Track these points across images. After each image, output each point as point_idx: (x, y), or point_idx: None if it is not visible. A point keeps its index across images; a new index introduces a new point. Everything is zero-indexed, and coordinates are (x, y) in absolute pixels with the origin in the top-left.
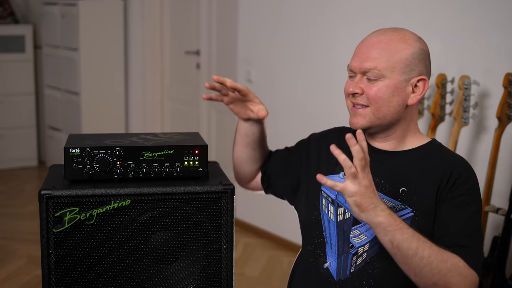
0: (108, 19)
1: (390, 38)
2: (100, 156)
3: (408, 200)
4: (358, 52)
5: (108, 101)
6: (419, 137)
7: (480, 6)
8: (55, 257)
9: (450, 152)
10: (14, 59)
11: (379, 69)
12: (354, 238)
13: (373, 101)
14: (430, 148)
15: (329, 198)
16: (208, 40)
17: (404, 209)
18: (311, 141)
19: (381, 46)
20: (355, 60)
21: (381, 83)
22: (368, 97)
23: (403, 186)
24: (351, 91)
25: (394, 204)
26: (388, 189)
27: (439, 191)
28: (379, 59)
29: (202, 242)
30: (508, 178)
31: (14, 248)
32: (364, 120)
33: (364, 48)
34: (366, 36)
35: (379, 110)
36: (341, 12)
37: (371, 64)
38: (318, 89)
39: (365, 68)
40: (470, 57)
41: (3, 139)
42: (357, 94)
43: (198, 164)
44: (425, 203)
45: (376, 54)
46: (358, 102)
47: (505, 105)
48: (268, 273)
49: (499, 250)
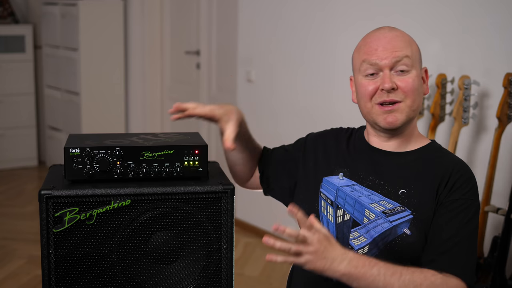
0: (108, 19)
1: (401, 32)
2: (100, 156)
3: (407, 202)
4: (376, 47)
5: (108, 101)
6: (420, 138)
7: (480, 6)
8: (55, 257)
9: (449, 155)
10: (14, 59)
11: (410, 57)
12: (354, 240)
13: (410, 93)
14: (430, 150)
15: (328, 199)
16: (208, 40)
17: (404, 211)
18: (308, 141)
19: (400, 39)
20: (378, 55)
21: (413, 73)
22: (405, 90)
23: (403, 188)
24: (388, 86)
25: (393, 205)
26: (388, 190)
27: (438, 195)
28: (406, 49)
29: (202, 242)
30: (508, 178)
31: (14, 248)
32: (403, 115)
33: (384, 42)
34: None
35: (414, 102)
36: (341, 12)
37: (403, 53)
38: (318, 89)
39: (398, 57)
40: (470, 57)
41: (3, 139)
42: (393, 89)
43: (198, 164)
44: (424, 206)
45: (402, 45)
46: (393, 99)
47: (505, 105)
48: (268, 273)
49: (499, 250)
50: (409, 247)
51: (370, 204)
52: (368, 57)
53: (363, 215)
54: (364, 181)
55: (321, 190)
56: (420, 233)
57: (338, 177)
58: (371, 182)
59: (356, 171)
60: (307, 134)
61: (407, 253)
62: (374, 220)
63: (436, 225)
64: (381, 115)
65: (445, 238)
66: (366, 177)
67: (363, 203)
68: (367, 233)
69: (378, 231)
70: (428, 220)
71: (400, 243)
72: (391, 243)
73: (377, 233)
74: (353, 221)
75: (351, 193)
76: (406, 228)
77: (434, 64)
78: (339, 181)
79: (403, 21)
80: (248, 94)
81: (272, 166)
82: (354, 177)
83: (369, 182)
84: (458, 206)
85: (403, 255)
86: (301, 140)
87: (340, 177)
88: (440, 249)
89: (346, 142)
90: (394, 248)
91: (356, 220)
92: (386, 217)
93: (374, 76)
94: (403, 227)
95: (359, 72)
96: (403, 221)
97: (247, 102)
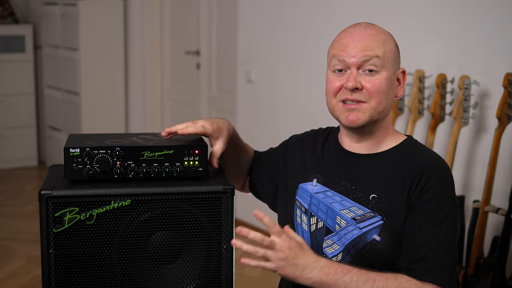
0: (108, 19)
1: (377, 31)
2: (100, 156)
3: (378, 207)
4: (347, 44)
5: (108, 101)
6: (395, 136)
7: (480, 6)
8: (55, 257)
9: (423, 152)
10: (14, 59)
11: (380, 57)
12: (327, 248)
13: (375, 95)
14: (403, 149)
15: (303, 207)
16: (208, 40)
17: (374, 217)
18: (288, 145)
19: (373, 38)
20: (347, 52)
21: (381, 75)
22: (370, 91)
23: (374, 193)
24: (351, 85)
25: (364, 212)
26: (358, 195)
27: (409, 197)
28: (377, 49)
29: (202, 242)
30: (508, 178)
31: (14, 248)
32: (365, 115)
33: (356, 40)
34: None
35: (380, 104)
36: (340, 12)
37: (372, 53)
38: (318, 89)
39: (367, 57)
40: (470, 57)
41: (3, 139)
42: (357, 89)
43: (198, 164)
44: (394, 210)
45: (373, 44)
46: (357, 99)
47: (505, 105)
48: (268, 273)
49: (499, 250)
50: (379, 253)
51: (341, 211)
52: (338, 53)
53: (335, 222)
54: (336, 187)
55: (297, 198)
56: (391, 239)
57: (312, 183)
58: (342, 187)
59: (329, 176)
60: (290, 137)
61: (378, 260)
62: (345, 227)
63: (408, 230)
64: (343, 113)
65: (419, 243)
66: (338, 182)
67: (335, 210)
68: (339, 241)
69: (349, 238)
70: (400, 225)
71: (370, 250)
72: (362, 250)
73: (348, 240)
74: (326, 229)
75: (323, 199)
76: (376, 234)
77: (434, 64)
78: (312, 187)
79: (403, 21)
80: (248, 94)
81: (258, 172)
82: (327, 182)
83: (341, 187)
84: (430, 207)
85: (375, 262)
86: (283, 144)
87: (313, 184)
88: (415, 256)
89: (321, 146)
90: (364, 255)
91: (329, 228)
92: (356, 223)
93: (342, 73)
94: (373, 233)
95: (328, 67)
96: (373, 227)
97: (247, 102)
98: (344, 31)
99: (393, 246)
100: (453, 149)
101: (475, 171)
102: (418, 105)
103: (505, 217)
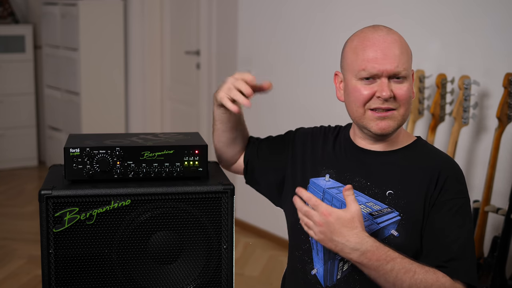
0: (108, 19)
1: (398, 36)
2: (100, 156)
3: (395, 203)
4: (376, 54)
5: (108, 101)
6: (406, 137)
7: (480, 6)
8: (55, 257)
9: (436, 151)
10: (14, 59)
11: (406, 69)
12: None
13: (405, 102)
14: (415, 148)
15: None
16: (208, 40)
17: (391, 213)
18: (296, 137)
19: (399, 45)
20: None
21: (407, 83)
22: (401, 99)
23: (390, 189)
24: (388, 95)
25: (380, 207)
26: (375, 191)
27: (428, 195)
28: (404, 58)
29: (202, 242)
30: (508, 178)
31: (14, 248)
32: (395, 123)
33: (383, 48)
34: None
35: (407, 110)
36: (341, 12)
37: (400, 65)
38: (318, 89)
39: (397, 71)
40: (470, 57)
41: (3, 139)
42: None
43: (198, 164)
44: (412, 207)
45: (400, 53)
46: (389, 107)
47: (505, 105)
48: (268, 273)
49: (499, 250)
50: (396, 248)
51: None
52: (368, 65)
53: None
54: (351, 182)
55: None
56: (408, 234)
57: (324, 178)
58: (357, 183)
59: (342, 172)
60: (296, 129)
61: None
62: None
63: (434, 229)
64: (373, 121)
65: (447, 243)
66: (352, 178)
67: None
68: None
69: None
70: (417, 221)
71: (388, 244)
72: None
73: None
74: None
75: (337, 195)
76: (394, 229)
77: (434, 64)
78: (325, 183)
79: (402, 21)
80: None
81: (258, 160)
82: (341, 178)
83: (355, 183)
84: (452, 206)
85: None
86: (290, 135)
87: (326, 179)
88: (445, 255)
89: (332, 142)
90: None
91: None
92: (374, 219)
93: (370, 81)
94: (391, 228)
95: (352, 75)
96: (390, 223)
97: None
98: (366, 37)
99: (409, 241)
100: (453, 149)
101: (475, 171)
102: (418, 105)
103: (505, 217)
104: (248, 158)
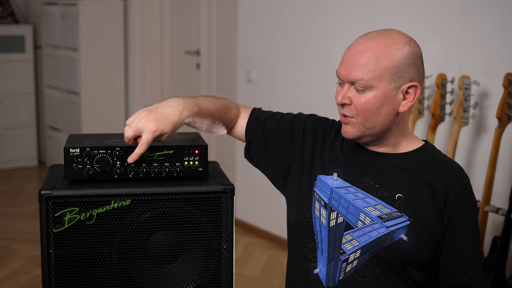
0: (108, 19)
1: (377, 44)
2: (100, 156)
3: (404, 207)
4: (345, 59)
5: (108, 101)
6: (413, 141)
7: (479, 6)
8: (55, 257)
9: (444, 158)
10: (14, 59)
11: (366, 80)
12: (346, 244)
13: (360, 112)
14: (424, 153)
15: (322, 201)
16: (208, 40)
17: (401, 217)
18: (308, 124)
19: (367, 54)
20: (342, 68)
21: (370, 93)
22: (356, 108)
23: (399, 192)
24: (339, 101)
25: (390, 210)
26: (384, 194)
27: (440, 205)
28: (366, 68)
29: (202, 242)
30: (508, 178)
31: (14, 248)
32: (355, 129)
33: (351, 55)
34: (354, 40)
35: (367, 121)
36: (341, 12)
37: (358, 74)
38: (318, 89)
39: (352, 79)
40: (470, 57)
41: (3, 139)
42: (346, 104)
43: (198, 164)
44: (422, 212)
45: (363, 63)
46: (345, 114)
47: (505, 105)
48: (268, 273)
49: (499, 250)
50: (404, 253)
51: (366, 208)
52: (339, 69)
53: (357, 219)
54: (359, 183)
55: (315, 190)
56: (417, 240)
57: (332, 177)
58: (365, 183)
59: (350, 172)
60: (309, 115)
61: (400, 259)
62: (370, 225)
63: (454, 245)
64: (342, 123)
65: (469, 259)
66: (360, 179)
67: (358, 207)
68: (360, 237)
69: (373, 236)
70: (427, 228)
71: (397, 249)
72: (387, 248)
73: (373, 238)
74: (346, 224)
75: (345, 195)
76: (403, 234)
77: (434, 64)
78: (333, 182)
79: (402, 21)
80: (248, 94)
81: (264, 140)
82: (349, 178)
83: (363, 183)
84: (469, 220)
85: (395, 261)
86: (301, 120)
87: (334, 178)
88: (469, 272)
89: (341, 141)
90: (389, 253)
91: (349, 223)
92: (383, 222)
93: (341, 86)
94: (400, 233)
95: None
96: (400, 227)
97: (247, 102)
98: (352, 43)
99: (418, 246)
100: (453, 149)
101: (475, 171)
102: (418, 105)
103: (505, 217)
104: (251, 135)
